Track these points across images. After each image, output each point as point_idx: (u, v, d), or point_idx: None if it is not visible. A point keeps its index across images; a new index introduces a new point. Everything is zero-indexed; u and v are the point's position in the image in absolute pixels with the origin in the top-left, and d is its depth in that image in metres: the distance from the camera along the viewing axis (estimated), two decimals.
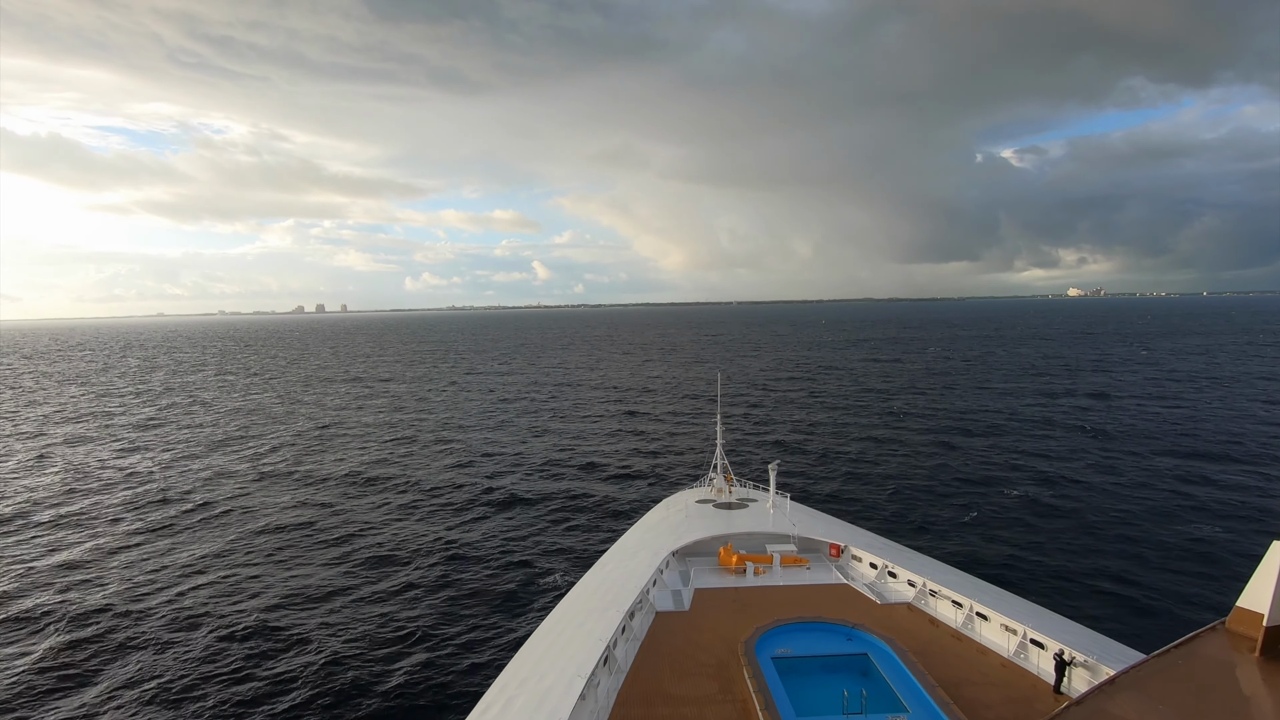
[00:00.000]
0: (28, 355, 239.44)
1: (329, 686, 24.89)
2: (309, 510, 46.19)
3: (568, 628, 19.51)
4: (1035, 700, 15.11)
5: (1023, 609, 19.10)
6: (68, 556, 38.15)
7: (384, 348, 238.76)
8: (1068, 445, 61.31)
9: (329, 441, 70.02)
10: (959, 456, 58.00)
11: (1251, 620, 11.04)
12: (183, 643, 28.31)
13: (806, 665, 17.07)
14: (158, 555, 38.40)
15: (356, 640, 28.17)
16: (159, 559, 37.79)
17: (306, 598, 32.49)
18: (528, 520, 43.48)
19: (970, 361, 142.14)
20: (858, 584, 21.66)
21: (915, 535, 38.52)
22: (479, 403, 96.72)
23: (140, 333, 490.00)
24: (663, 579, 22.05)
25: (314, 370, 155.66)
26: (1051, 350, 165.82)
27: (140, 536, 41.56)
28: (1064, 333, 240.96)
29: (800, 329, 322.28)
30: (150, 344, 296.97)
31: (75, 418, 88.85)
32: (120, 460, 63.17)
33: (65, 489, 52.67)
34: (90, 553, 38.69)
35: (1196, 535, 38.57)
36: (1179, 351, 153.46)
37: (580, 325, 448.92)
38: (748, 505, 29.46)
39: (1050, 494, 46.77)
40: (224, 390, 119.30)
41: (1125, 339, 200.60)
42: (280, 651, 27.47)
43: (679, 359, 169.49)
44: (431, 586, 33.35)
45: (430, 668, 26.06)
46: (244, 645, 27.99)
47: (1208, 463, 54.09)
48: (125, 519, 45.11)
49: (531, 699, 15.34)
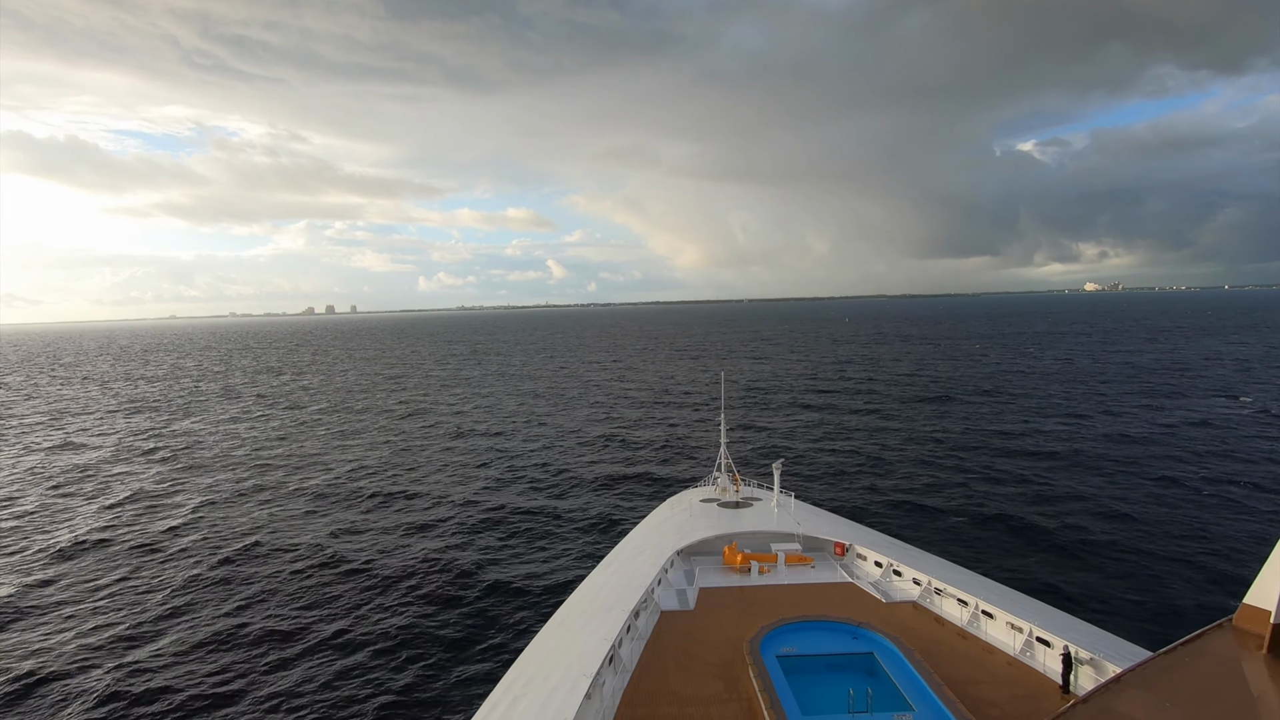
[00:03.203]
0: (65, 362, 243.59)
1: (333, 686, 25.14)
2: (311, 511, 46.67)
3: (573, 627, 19.59)
4: (1041, 699, 14.99)
5: (1029, 607, 18.94)
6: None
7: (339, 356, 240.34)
8: (1073, 445, 60.62)
9: (300, 443, 70.67)
10: (968, 453, 57.52)
11: (1259, 617, 10.89)
12: (181, 644, 28.76)
13: (812, 664, 17.01)
14: (155, 565, 38.97)
15: (361, 639, 28.43)
16: (156, 566, 38.37)
17: (308, 594, 32.83)
18: (530, 519, 43.62)
19: (976, 358, 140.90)
20: (863, 582, 21.56)
21: (920, 533, 38.27)
22: (477, 402, 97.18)
23: (138, 336, 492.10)
24: (667, 578, 22.05)
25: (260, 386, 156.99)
26: (1056, 345, 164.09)
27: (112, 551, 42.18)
28: (1071, 331, 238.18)
29: (812, 326, 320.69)
30: (135, 350, 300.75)
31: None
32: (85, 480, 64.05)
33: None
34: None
35: (1203, 530, 38.08)
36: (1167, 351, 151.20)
37: (584, 325, 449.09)
38: (752, 504, 29.41)
39: (1056, 489, 46.29)
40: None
41: (1110, 335, 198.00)
42: (283, 653, 27.77)
43: (684, 357, 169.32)
44: (432, 586, 33.55)
45: (435, 668, 26.24)
46: (248, 649, 28.34)
47: (1214, 459, 53.34)
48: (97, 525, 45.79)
49: (537, 699, 15.41)
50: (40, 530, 44.10)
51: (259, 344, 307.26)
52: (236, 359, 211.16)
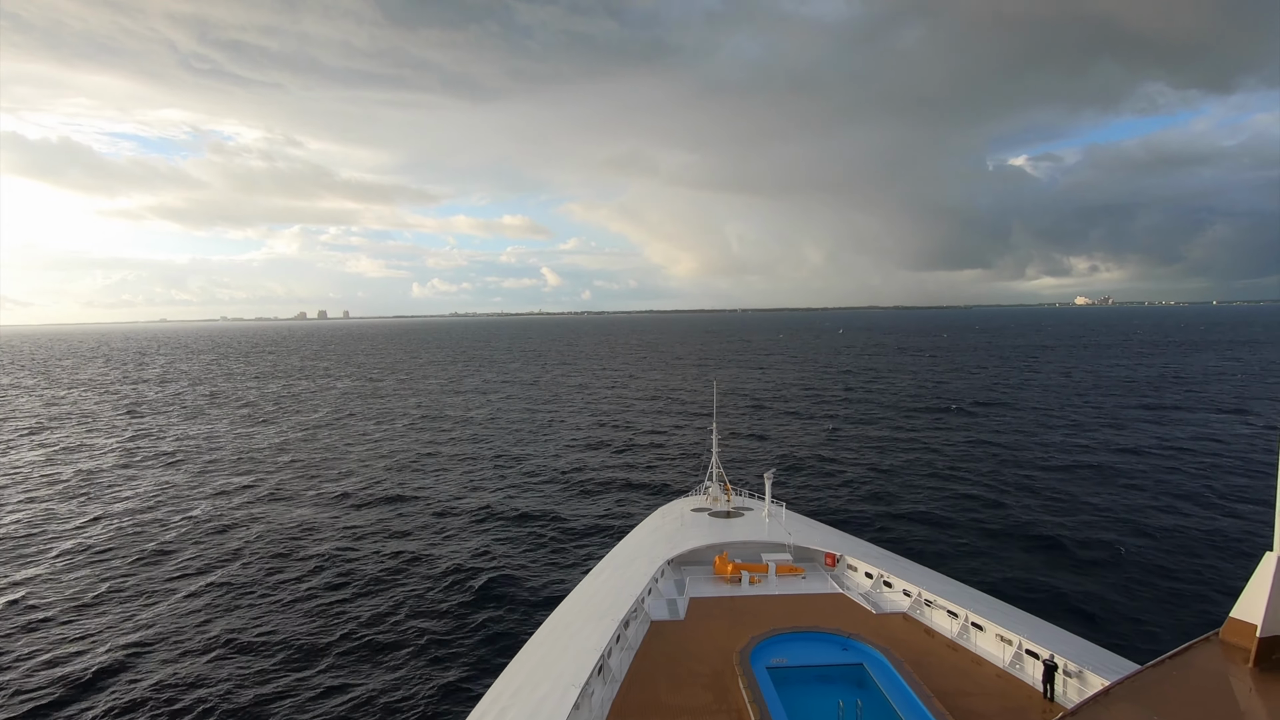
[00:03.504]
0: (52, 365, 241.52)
1: (322, 696, 24.86)
2: (306, 516, 46.32)
3: (562, 636, 19.45)
4: (1030, 711, 14.97)
5: (1018, 619, 18.96)
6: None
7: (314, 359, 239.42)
8: (1067, 456, 60.90)
9: (308, 449, 70.26)
10: (957, 465, 57.68)
11: (1245, 631, 10.97)
12: (179, 647, 28.40)
13: (802, 675, 16.95)
14: (149, 566, 38.56)
15: (346, 646, 28.14)
16: (151, 570, 37.96)
17: (299, 604, 32.48)
18: (521, 528, 43.38)
19: (968, 370, 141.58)
20: (853, 593, 21.51)
21: (910, 545, 38.26)
22: (468, 409, 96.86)
23: (121, 339, 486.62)
24: (658, 588, 21.94)
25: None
26: (1050, 358, 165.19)
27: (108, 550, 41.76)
28: (1062, 344, 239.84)
29: (807, 336, 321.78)
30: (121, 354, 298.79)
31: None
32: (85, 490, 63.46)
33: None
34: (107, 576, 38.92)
35: (1190, 542, 38.24)
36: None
37: (578, 334, 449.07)
38: (743, 514, 29.35)
39: (1049, 501, 46.43)
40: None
41: (1103, 349, 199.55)
42: (272, 661, 27.44)
43: (678, 366, 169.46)
44: (423, 595, 33.27)
45: (422, 677, 25.97)
46: (234, 658, 28.00)
47: (1202, 473, 53.67)
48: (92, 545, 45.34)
49: (525, 708, 15.29)
50: (46, 531, 43.62)
51: (245, 349, 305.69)
52: (225, 364, 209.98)
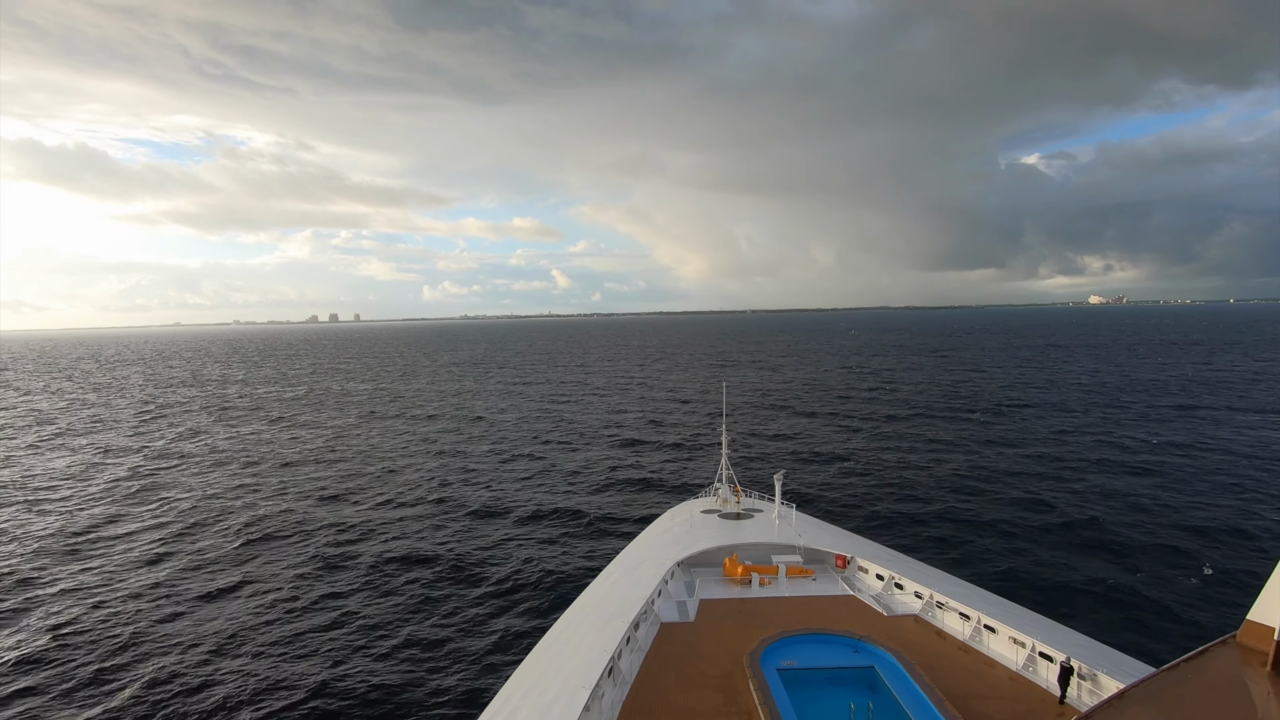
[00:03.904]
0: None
1: (330, 696, 25.00)
2: (308, 517, 46.66)
3: (572, 638, 19.46)
4: (1043, 714, 14.81)
5: (1031, 621, 18.76)
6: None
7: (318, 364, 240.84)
8: (1083, 458, 60.26)
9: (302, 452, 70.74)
10: (968, 466, 57.21)
11: (1263, 634, 10.80)
12: (180, 649, 28.70)
13: (812, 677, 16.87)
14: (146, 568, 38.97)
15: (357, 650, 28.28)
16: (147, 572, 38.39)
17: (304, 605, 32.70)
18: (530, 530, 43.46)
19: (980, 370, 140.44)
20: (864, 595, 21.39)
21: (922, 546, 37.99)
22: (478, 410, 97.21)
23: (139, 343, 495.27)
24: (668, 589, 21.92)
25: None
26: (1065, 358, 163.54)
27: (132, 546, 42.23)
28: (1077, 344, 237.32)
29: (816, 337, 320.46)
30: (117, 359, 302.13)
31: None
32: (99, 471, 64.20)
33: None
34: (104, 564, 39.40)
35: (1205, 548, 37.72)
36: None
37: (588, 336, 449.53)
38: (753, 515, 29.27)
39: (1063, 505, 45.92)
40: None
41: (1120, 349, 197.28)
42: (276, 663, 27.64)
43: (687, 367, 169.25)
44: (432, 597, 33.40)
45: (432, 680, 26.06)
46: (243, 657, 28.21)
47: (1220, 471, 52.96)
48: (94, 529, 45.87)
49: (535, 710, 15.30)
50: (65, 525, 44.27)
51: (259, 353, 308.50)
52: (258, 370, 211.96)
